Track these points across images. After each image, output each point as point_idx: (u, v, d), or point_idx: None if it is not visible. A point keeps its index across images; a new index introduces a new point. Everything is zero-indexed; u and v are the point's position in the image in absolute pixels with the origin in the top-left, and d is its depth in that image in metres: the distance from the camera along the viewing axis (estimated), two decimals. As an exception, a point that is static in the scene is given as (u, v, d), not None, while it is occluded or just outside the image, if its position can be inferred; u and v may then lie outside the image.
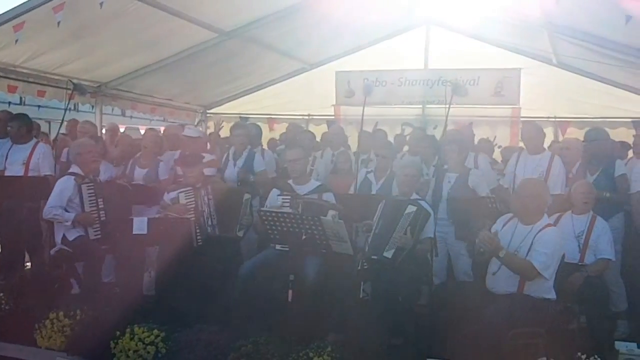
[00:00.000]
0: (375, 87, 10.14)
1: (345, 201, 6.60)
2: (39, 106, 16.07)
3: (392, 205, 6.08)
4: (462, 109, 9.35)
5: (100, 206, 6.75)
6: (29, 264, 7.78)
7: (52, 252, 6.73)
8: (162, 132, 9.23)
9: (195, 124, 11.77)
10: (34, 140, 7.68)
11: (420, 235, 5.93)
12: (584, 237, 6.15)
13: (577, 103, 10.34)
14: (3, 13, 6.96)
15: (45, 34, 7.37)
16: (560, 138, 10.14)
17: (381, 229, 5.97)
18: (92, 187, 6.73)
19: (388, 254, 5.76)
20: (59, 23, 6.57)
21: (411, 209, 5.83)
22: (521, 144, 8.68)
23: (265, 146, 9.33)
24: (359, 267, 5.85)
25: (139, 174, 7.76)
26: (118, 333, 5.52)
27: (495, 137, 9.89)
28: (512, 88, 10.04)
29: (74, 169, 6.81)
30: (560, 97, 10.38)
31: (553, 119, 10.56)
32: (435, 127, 9.44)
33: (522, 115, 10.38)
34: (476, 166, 7.30)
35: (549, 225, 5.29)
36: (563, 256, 5.35)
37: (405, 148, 9.07)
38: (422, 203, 6.10)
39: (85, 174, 6.78)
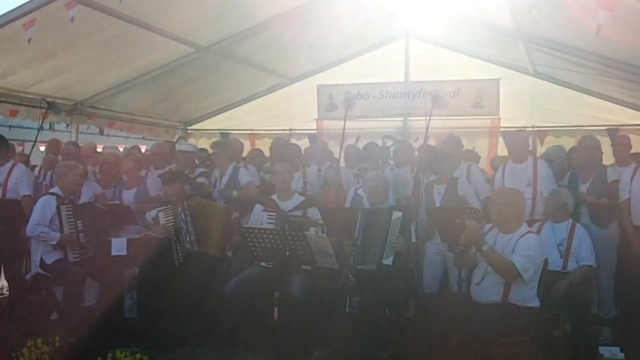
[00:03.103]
0: (357, 100, 10.13)
1: (329, 216, 6.58)
2: (10, 126, 15.86)
3: (373, 215, 6.12)
4: (442, 121, 9.34)
5: (79, 228, 6.64)
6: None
7: (29, 276, 6.60)
8: (144, 150, 9.13)
9: (175, 140, 11.63)
10: (11, 161, 7.54)
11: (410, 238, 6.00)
12: (565, 245, 6.25)
13: (554, 112, 10.36)
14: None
15: (15, 51, 7.24)
16: (539, 147, 10.16)
17: (364, 240, 5.99)
18: (71, 208, 6.62)
19: (387, 261, 5.81)
20: (29, 40, 6.46)
21: (397, 214, 5.93)
22: (501, 154, 8.76)
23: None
24: (345, 282, 5.81)
25: (128, 195, 7.60)
26: (99, 358, 5.39)
27: (474, 147, 9.89)
28: (492, 99, 10.13)
29: (55, 189, 6.71)
30: (538, 107, 10.39)
31: (531, 129, 10.59)
32: (416, 140, 9.43)
33: (501, 125, 10.40)
34: (469, 176, 7.30)
35: (529, 232, 5.33)
36: (546, 264, 5.37)
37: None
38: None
39: (66, 195, 6.67)
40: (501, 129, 10.29)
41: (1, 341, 5.93)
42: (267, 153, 9.61)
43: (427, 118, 6.79)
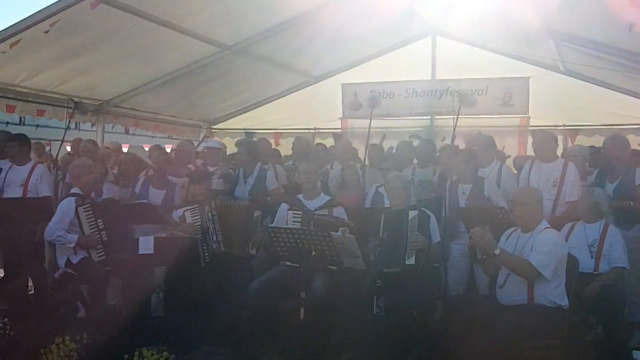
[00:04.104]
0: (382, 98, 10.09)
1: (352, 215, 6.55)
2: (37, 126, 16.06)
3: (393, 216, 6.09)
4: (470, 120, 9.24)
5: (100, 227, 6.62)
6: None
7: (56, 275, 6.62)
8: (170, 149, 9.15)
9: (200, 139, 11.65)
10: (32, 161, 7.61)
11: (430, 237, 5.95)
12: (596, 245, 6.15)
13: (585, 111, 10.27)
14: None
15: (42, 51, 7.30)
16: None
17: (388, 242, 5.95)
18: (90, 208, 6.59)
19: (410, 260, 5.76)
20: (47, 32, 6.56)
21: (413, 213, 5.90)
22: (531, 153, 8.62)
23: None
24: (372, 284, 5.77)
25: (156, 195, 7.55)
26: (126, 356, 5.37)
27: (503, 147, 9.76)
28: (521, 97, 10.00)
29: (75, 189, 6.73)
30: (568, 105, 10.30)
31: (562, 127, 10.45)
32: (443, 139, 9.34)
33: (530, 124, 10.29)
34: (499, 175, 7.18)
35: (547, 228, 5.27)
36: (576, 266, 5.31)
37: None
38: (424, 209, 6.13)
39: (86, 194, 6.68)
40: (531, 128, 10.19)
41: (31, 337, 5.96)
42: (289, 152, 9.59)
43: (455, 116, 6.69)
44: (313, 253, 5.45)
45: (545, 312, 5.01)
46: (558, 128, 10.37)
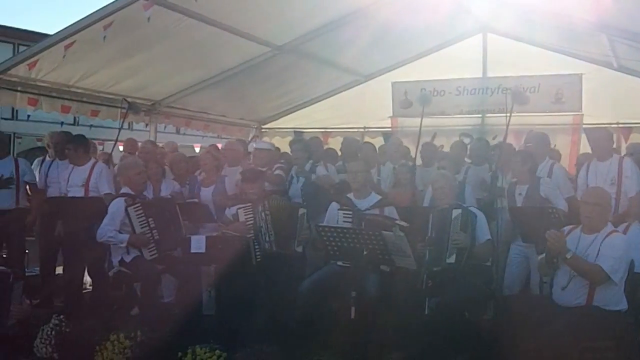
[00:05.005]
0: (433, 97, 9.98)
1: (403, 215, 6.50)
2: (90, 126, 16.38)
3: (439, 215, 6.06)
4: (521, 118, 9.08)
5: (151, 226, 6.62)
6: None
7: (111, 273, 6.72)
8: (220, 148, 9.22)
9: (249, 139, 11.74)
10: (92, 160, 7.69)
11: (476, 235, 5.85)
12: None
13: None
14: (55, 34, 7.08)
15: (95, 52, 7.44)
16: (623, 145, 9.79)
17: (436, 241, 5.94)
18: (140, 208, 6.61)
19: (451, 259, 5.72)
20: (104, 37, 6.66)
21: (456, 212, 5.85)
22: (584, 152, 8.46)
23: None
24: (424, 284, 5.75)
25: (206, 193, 7.61)
26: (180, 354, 5.46)
27: (555, 145, 9.59)
28: (574, 94, 9.84)
29: (125, 189, 6.79)
30: (622, 102, 10.02)
31: (615, 125, 10.20)
32: (494, 137, 9.21)
33: (584, 122, 10.09)
34: (551, 174, 7.06)
35: (614, 231, 5.18)
36: (632, 267, 5.17)
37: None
38: (472, 208, 6.09)
39: (136, 193, 6.74)
40: (584, 126, 9.99)
41: (86, 333, 6.08)
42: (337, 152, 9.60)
43: (508, 114, 6.59)
44: (364, 252, 5.41)
45: (603, 315, 4.93)
46: (612, 126, 10.14)
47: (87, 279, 7.82)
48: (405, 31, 9.10)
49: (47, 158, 8.30)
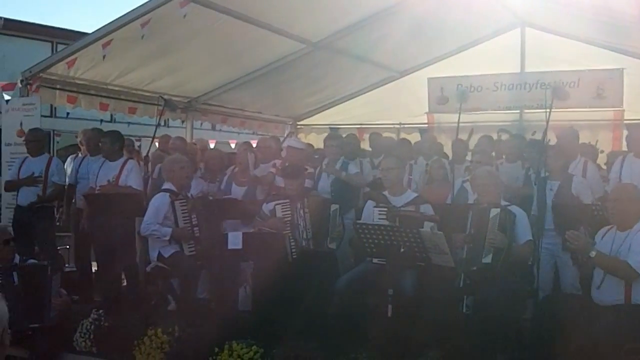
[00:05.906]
0: (470, 92, 9.92)
1: (439, 212, 6.42)
2: (128, 123, 16.55)
3: (478, 213, 5.94)
4: (560, 113, 8.93)
5: (194, 222, 6.68)
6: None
7: (148, 268, 6.77)
8: (254, 145, 9.24)
9: (285, 136, 11.75)
10: (124, 157, 7.71)
11: (515, 236, 5.73)
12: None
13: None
14: (92, 32, 7.17)
15: (132, 50, 7.52)
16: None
17: (474, 239, 5.83)
18: (185, 203, 6.69)
19: (487, 259, 5.61)
20: (142, 36, 6.70)
21: (495, 211, 5.71)
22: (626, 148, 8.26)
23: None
24: (461, 282, 5.69)
25: (237, 191, 7.65)
26: (217, 349, 5.49)
27: (597, 141, 9.42)
28: (615, 89, 9.67)
29: (167, 185, 6.81)
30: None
31: (658, 121, 9.99)
32: (533, 133, 9.08)
33: (625, 117, 9.89)
34: (584, 173, 6.94)
35: None
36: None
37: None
38: (512, 208, 5.90)
39: (178, 190, 6.77)
40: (625, 122, 9.74)
41: (124, 328, 6.14)
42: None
43: (548, 110, 6.46)
44: (402, 250, 5.38)
45: (644, 313, 4.83)
46: (654, 122, 9.93)
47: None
48: (441, 26, 9.03)
49: (79, 154, 8.41)
